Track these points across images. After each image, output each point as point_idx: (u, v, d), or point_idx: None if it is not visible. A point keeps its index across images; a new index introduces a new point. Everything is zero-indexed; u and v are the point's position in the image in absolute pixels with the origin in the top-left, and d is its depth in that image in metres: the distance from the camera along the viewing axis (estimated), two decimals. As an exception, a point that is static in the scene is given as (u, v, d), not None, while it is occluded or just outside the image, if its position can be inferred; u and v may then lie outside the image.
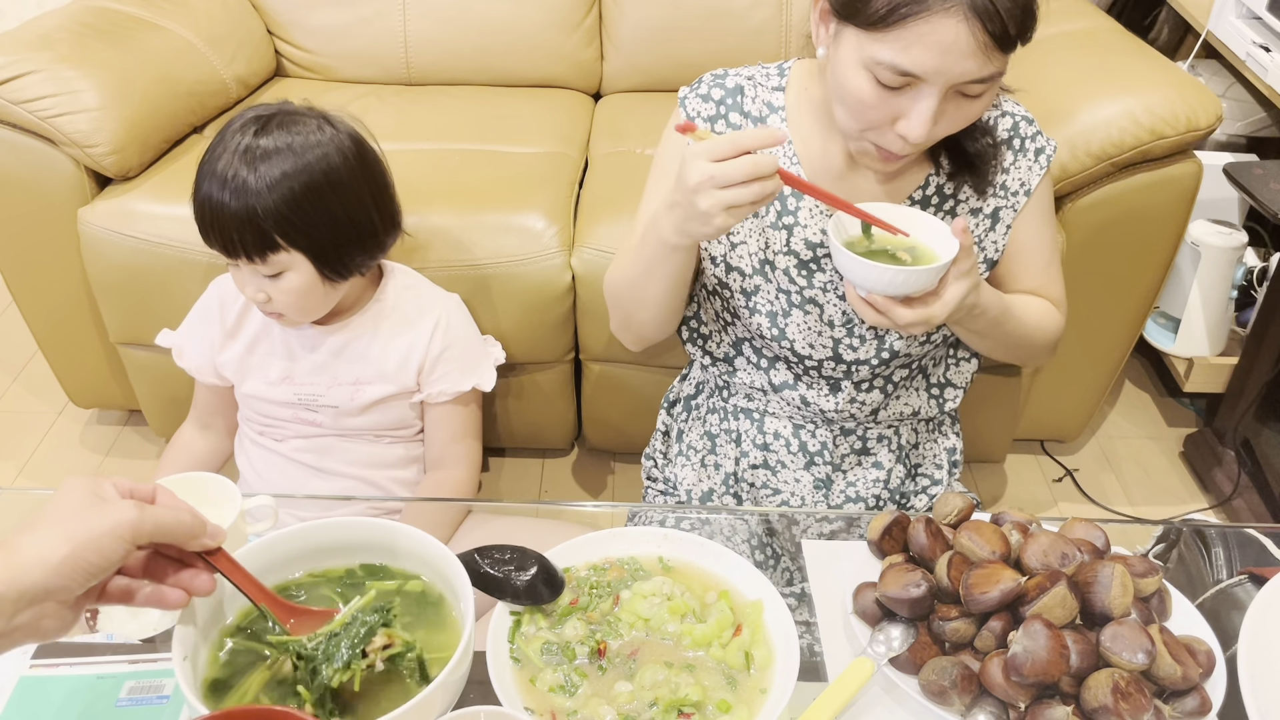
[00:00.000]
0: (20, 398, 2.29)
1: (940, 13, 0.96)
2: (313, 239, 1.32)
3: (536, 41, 2.21)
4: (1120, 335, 1.91)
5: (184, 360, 1.53)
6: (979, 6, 0.96)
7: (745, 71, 1.24)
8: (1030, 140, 1.23)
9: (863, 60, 1.02)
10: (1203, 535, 1.07)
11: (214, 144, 1.33)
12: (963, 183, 1.21)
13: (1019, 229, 1.25)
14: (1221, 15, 2.10)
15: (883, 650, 0.90)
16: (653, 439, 1.49)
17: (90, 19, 1.87)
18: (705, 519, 1.18)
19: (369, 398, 1.46)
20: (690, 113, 1.23)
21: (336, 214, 1.34)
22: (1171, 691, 0.85)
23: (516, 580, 0.92)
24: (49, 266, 1.86)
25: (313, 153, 1.32)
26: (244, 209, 1.28)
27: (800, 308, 1.25)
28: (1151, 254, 1.81)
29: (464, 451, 1.55)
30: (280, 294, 1.35)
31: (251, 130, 1.31)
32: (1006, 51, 1.00)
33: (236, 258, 1.32)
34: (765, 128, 1.00)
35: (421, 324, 1.48)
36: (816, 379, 1.32)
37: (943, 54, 0.98)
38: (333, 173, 1.33)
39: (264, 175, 1.28)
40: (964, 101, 1.05)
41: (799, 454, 1.37)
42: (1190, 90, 1.67)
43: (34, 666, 0.91)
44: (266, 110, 1.34)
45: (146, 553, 0.78)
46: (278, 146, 1.30)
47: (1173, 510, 2.08)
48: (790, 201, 1.22)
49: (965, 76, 1.00)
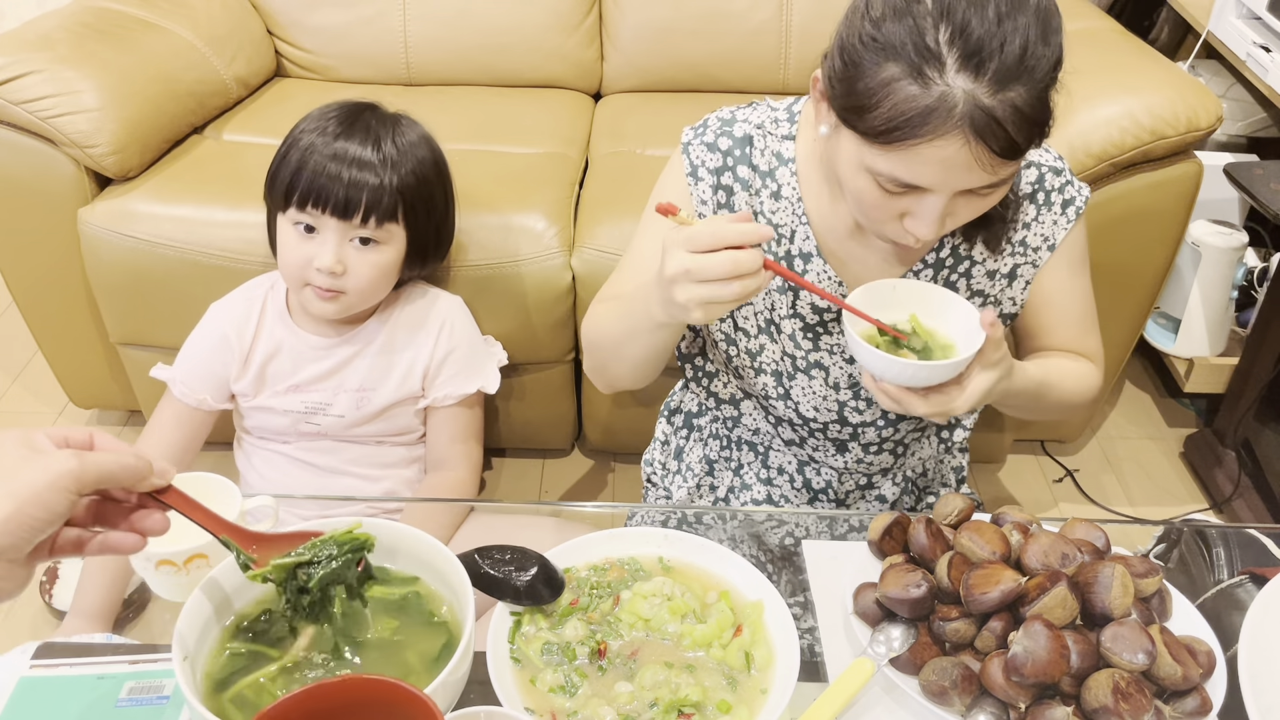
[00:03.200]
0: (20, 398, 2.29)
1: (942, 135, 0.89)
2: (422, 221, 1.40)
3: (536, 42, 2.21)
4: (1121, 335, 1.91)
5: (189, 392, 1.48)
6: (980, 126, 0.88)
7: (754, 117, 1.16)
8: (1058, 192, 1.15)
9: (862, 165, 0.96)
10: (1203, 535, 1.07)
11: (327, 114, 1.39)
12: (977, 242, 1.16)
13: (1045, 282, 1.19)
14: (1222, 15, 2.09)
15: (883, 650, 0.90)
16: (652, 445, 1.48)
17: (90, 19, 1.87)
18: (704, 519, 1.18)
19: (376, 406, 1.47)
20: (694, 162, 1.16)
21: (440, 204, 1.46)
22: (1172, 692, 0.85)
23: (517, 580, 0.92)
24: (49, 266, 1.86)
25: (431, 142, 1.45)
26: (385, 172, 1.34)
27: (805, 372, 1.21)
28: (1152, 254, 1.81)
29: (465, 453, 1.55)
30: (365, 266, 1.37)
31: (379, 114, 1.41)
32: (1015, 160, 0.93)
33: (351, 218, 1.33)
34: (753, 224, 0.91)
35: (426, 329, 1.48)
36: (823, 441, 1.28)
37: (946, 171, 0.92)
38: (444, 165, 1.47)
39: (403, 148, 1.38)
40: (974, 198, 0.98)
41: (803, 490, 1.34)
42: (1190, 90, 1.67)
43: (34, 666, 0.91)
44: (367, 103, 1.44)
45: (94, 499, 0.75)
46: (408, 126, 1.42)
47: (1173, 511, 2.08)
48: (797, 263, 1.16)
49: (973, 185, 0.94)
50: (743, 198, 1.16)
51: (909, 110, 0.89)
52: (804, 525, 1.15)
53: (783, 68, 2.18)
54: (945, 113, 0.88)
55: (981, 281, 1.18)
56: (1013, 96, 0.88)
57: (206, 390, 1.48)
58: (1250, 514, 1.98)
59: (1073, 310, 1.22)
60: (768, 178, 1.15)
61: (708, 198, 1.16)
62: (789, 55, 2.17)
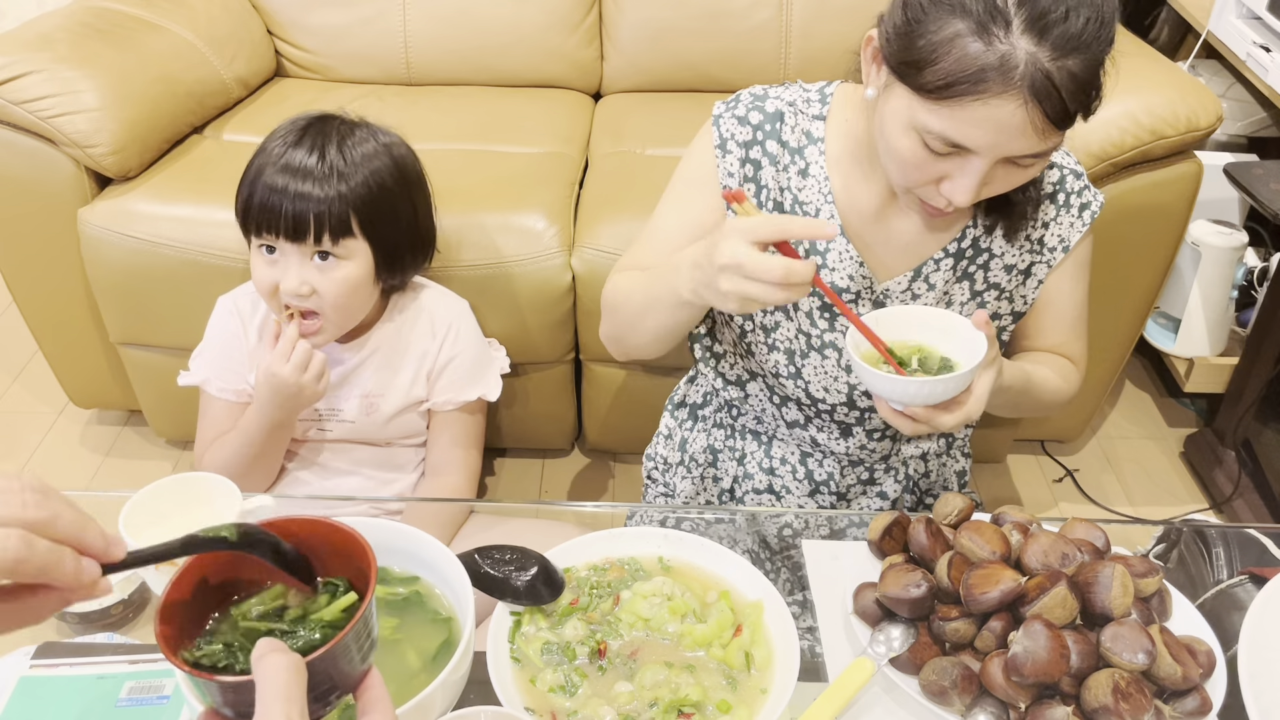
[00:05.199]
0: (20, 398, 2.29)
1: (999, 95, 0.91)
2: (384, 232, 1.35)
3: (536, 42, 2.21)
4: (1121, 335, 1.91)
5: (225, 386, 1.46)
6: (1039, 89, 0.90)
7: (786, 95, 1.18)
8: (1076, 195, 1.17)
9: (912, 123, 0.97)
10: (1203, 535, 1.07)
11: (277, 134, 1.35)
12: (996, 234, 1.17)
13: (1051, 284, 1.21)
14: (1221, 15, 2.09)
15: (883, 650, 0.90)
16: (655, 440, 1.48)
17: (90, 19, 1.87)
18: (704, 519, 1.18)
19: (385, 413, 1.46)
20: (724, 135, 1.16)
21: (407, 212, 1.40)
22: (1172, 692, 0.85)
23: (517, 580, 0.92)
24: (49, 266, 1.86)
25: (394, 149, 1.39)
26: (330, 186, 1.29)
27: (819, 351, 1.21)
28: (1152, 254, 1.81)
29: (464, 459, 1.54)
30: (331, 284, 1.32)
31: (334, 124, 1.36)
32: (1064, 129, 0.95)
33: (304, 240, 1.30)
34: (819, 221, 0.92)
35: (432, 333, 1.48)
36: (828, 422, 1.29)
37: (997, 132, 0.93)
38: (409, 171, 1.41)
39: (353, 160, 1.33)
40: (1014, 169, 1.00)
41: (804, 481, 1.34)
42: (1190, 90, 1.67)
43: (34, 667, 0.91)
44: (323, 115, 1.38)
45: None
46: (364, 138, 1.36)
47: (1173, 510, 2.08)
48: (820, 242, 1.17)
49: (1018, 152, 0.96)
50: (770, 172, 1.17)
51: (970, 67, 0.91)
52: (804, 520, 1.15)
53: (783, 67, 2.18)
54: (1006, 72, 0.90)
55: (998, 275, 1.19)
56: (1071, 64, 0.91)
57: (240, 380, 1.45)
58: (1250, 514, 1.98)
59: (1069, 314, 1.24)
60: (796, 155, 1.16)
61: (735, 170, 1.17)
62: (789, 55, 2.17)
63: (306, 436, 1.49)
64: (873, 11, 1.03)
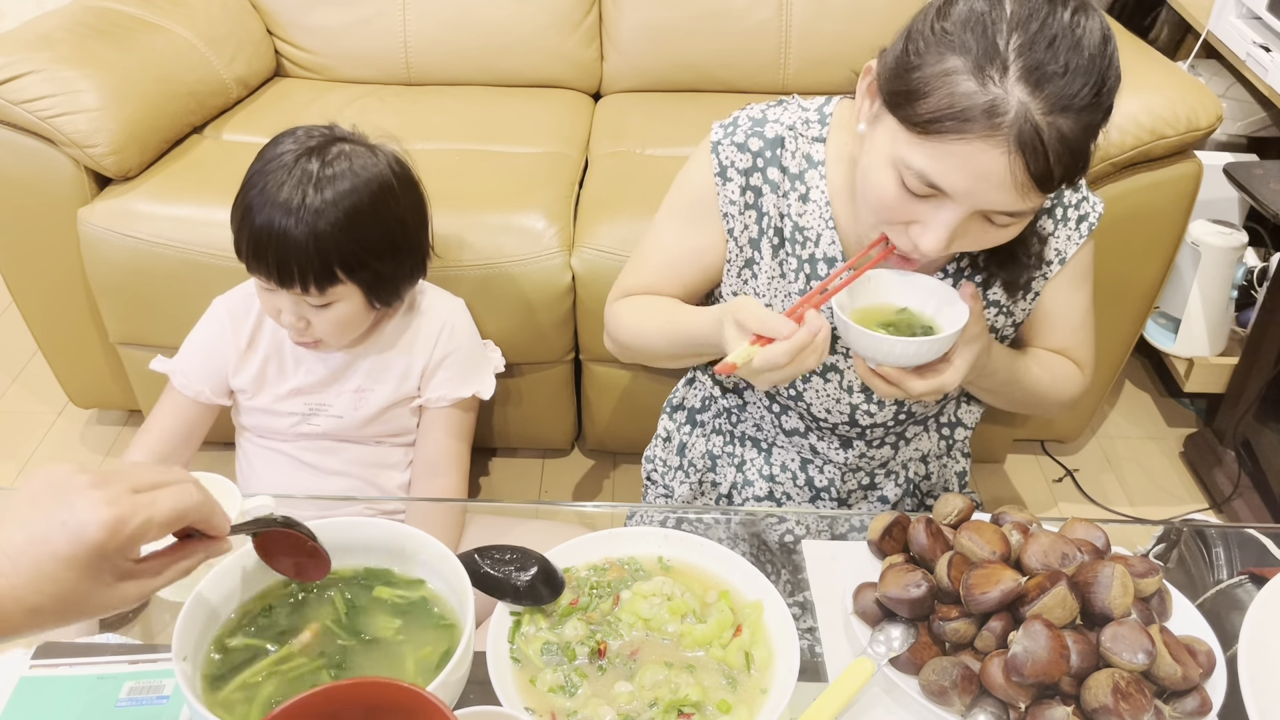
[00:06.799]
0: (20, 398, 2.29)
1: (984, 138, 0.88)
2: (371, 270, 1.34)
3: (536, 42, 2.21)
4: (1120, 335, 1.91)
5: (188, 384, 1.48)
6: (1026, 141, 0.87)
7: (785, 118, 1.16)
8: (1074, 208, 1.16)
9: (892, 158, 0.95)
10: (1203, 535, 1.07)
11: (264, 170, 1.31)
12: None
13: (1048, 293, 1.20)
14: (1221, 15, 2.09)
15: (883, 650, 0.90)
16: (654, 442, 1.48)
17: (90, 19, 1.87)
18: (703, 520, 1.18)
19: (374, 407, 1.46)
20: (724, 162, 1.16)
21: (394, 240, 1.37)
22: (1172, 692, 0.85)
23: (517, 580, 0.92)
24: (49, 266, 1.86)
25: (378, 180, 1.34)
26: (309, 237, 1.27)
27: (820, 374, 1.21)
28: (1151, 254, 1.81)
29: (456, 457, 1.54)
30: (324, 323, 1.36)
31: (312, 157, 1.31)
32: (1045, 191, 0.92)
33: (291, 288, 1.31)
34: (817, 316, 0.96)
35: (426, 330, 1.48)
36: (829, 435, 1.29)
37: (976, 178, 0.90)
38: (390, 198, 1.36)
39: (332, 199, 1.29)
40: (989, 227, 0.97)
41: (805, 488, 1.34)
42: (1190, 90, 1.67)
43: (34, 666, 0.91)
44: (318, 136, 1.35)
45: None
46: (340, 172, 1.31)
47: (1173, 510, 2.08)
48: (821, 266, 1.17)
49: (995, 206, 0.93)
50: (771, 200, 1.16)
51: (959, 104, 0.88)
52: (805, 523, 1.15)
53: (782, 67, 2.18)
54: (995, 117, 0.87)
55: (998, 292, 1.19)
56: (1062, 123, 0.88)
57: (205, 383, 1.48)
58: (1250, 514, 1.98)
59: (1069, 320, 1.23)
60: (797, 180, 1.15)
61: (735, 198, 1.16)
62: (789, 55, 2.17)
63: (293, 432, 1.49)
64: (873, 12, 1.03)
